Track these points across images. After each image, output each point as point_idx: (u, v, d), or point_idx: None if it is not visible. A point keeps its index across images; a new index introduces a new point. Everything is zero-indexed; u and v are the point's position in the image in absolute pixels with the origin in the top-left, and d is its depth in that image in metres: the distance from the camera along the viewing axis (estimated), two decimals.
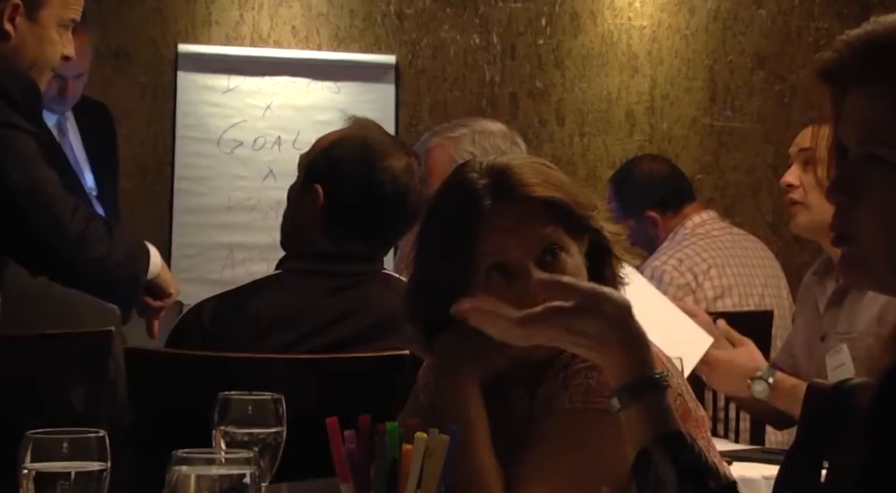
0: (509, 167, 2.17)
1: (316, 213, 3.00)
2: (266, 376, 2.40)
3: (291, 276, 3.00)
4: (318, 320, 2.92)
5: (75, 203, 3.08)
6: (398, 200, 3.01)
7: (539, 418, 2.13)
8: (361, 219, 3.00)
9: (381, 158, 3.01)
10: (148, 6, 6.23)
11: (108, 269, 3.05)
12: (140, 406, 2.92)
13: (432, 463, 1.62)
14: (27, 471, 1.82)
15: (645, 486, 1.56)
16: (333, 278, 2.97)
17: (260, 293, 2.98)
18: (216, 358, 2.82)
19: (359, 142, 3.04)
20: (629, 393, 1.67)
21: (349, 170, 3.00)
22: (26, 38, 3.04)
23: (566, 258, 2.14)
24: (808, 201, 3.57)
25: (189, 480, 1.67)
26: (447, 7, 6.37)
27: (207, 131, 6.01)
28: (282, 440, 2.08)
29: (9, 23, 3.01)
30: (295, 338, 2.89)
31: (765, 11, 6.42)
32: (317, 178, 3.02)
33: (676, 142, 6.37)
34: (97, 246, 3.03)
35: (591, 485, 1.68)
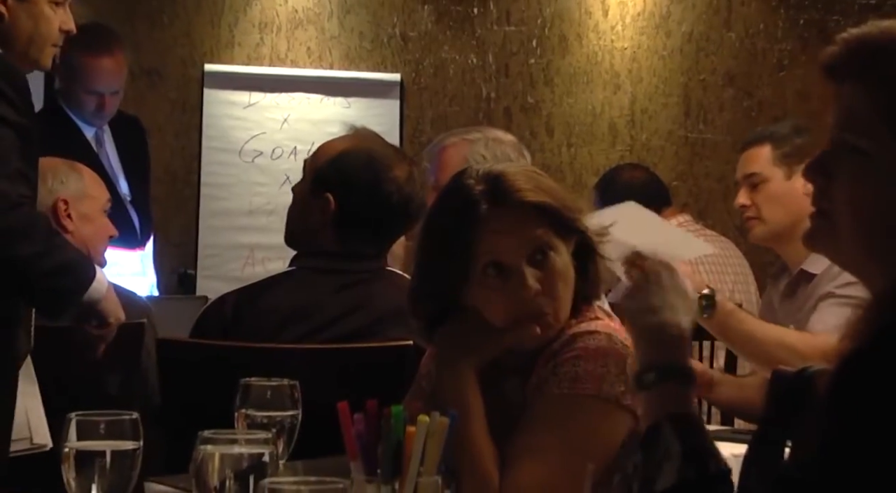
0: (503, 174, 2.17)
1: (326, 218, 2.99)
2: (283, 365, 2.39)
3: (303, 273, 3.00)
4: (328, 314, 2.91)
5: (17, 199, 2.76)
6: (403, 208, 3.00)
7: (530, 402, 2.12)
8: (368, 224, 2.99)
9: (387, 170, 2.99)
10: (177, 30, 6.23)
11: (28, 271, 2.76)
12: (169, 391, 2.93)
13: (433, 444, 1.62)
14: (68, 449, 1.82)
15: (652, 456, 1.54)
16: (341, 275, 2.96)
17: (274, 289, 2.97)
18: (238, 348, 2.82)
19: (365, 154, 3.02)
20: (657, 374, 1.65)
21: (358, 181, 2.98)
22: (19, 16, 2.90)
23: (555, 257, 2.14)
24: (762, 216, 3.61)
25: (213, 458, 1.67)
26: (447, 30, 6.37)
27: (230, 143, 6.00)
28: (297, 422, 2.07)
29: (0, 4, 2.90)
30: (307, 330, 2.89)
31: (734, 34, 6.41)
32: (327, 187, 3.01)
33: (654, 152, 6.37)
34: (21, 245, 2.74)
35: (577, 463, 1.67)
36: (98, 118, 4.84)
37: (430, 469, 1.61)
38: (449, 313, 2.18)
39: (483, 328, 2.14)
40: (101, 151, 4.90)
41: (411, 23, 6.36)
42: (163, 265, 5.49)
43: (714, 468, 1.53)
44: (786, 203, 3.57)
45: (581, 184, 6.09)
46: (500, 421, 2.10)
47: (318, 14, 6.33)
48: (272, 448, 1.70)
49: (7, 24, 2.89)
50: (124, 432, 1.83)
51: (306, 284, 2.96)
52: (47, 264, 2.77)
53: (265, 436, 1.78)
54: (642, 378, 1.66)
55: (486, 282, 2.13)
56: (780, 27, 6.40)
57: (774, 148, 3.64)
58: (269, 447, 1.70)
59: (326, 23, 6.33)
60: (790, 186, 3.56)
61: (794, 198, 3.54)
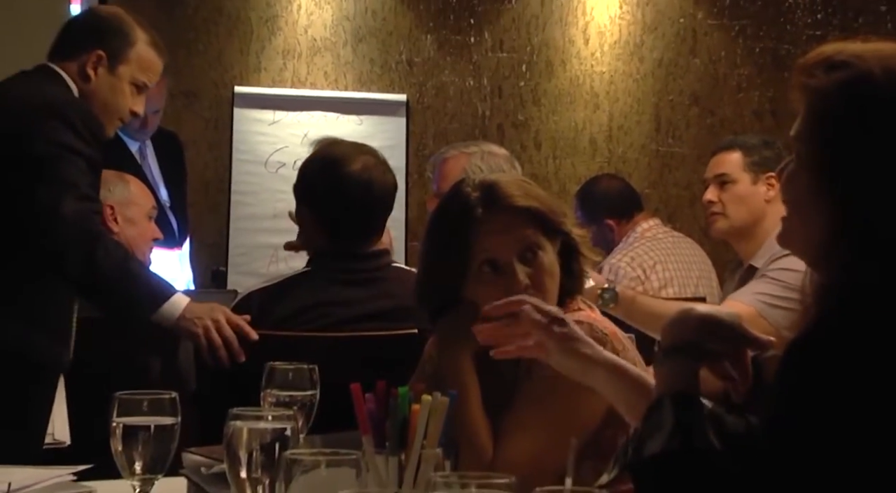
0: (497, 183, 2.17)
1: (314, 226, 2.97)
2: (303, 351, 2.39)
3: (314, 274, 2.97)
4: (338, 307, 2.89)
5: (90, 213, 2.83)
6: (364, 193, 2.92)
7: (521, 383, 2.12)
8: (346, 220, 2.93)
9: (342, 166, 2.92)
10: (211, 56, 6.22)
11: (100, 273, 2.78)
12: (203, 373, 2.92)
13: (435, 420, 1.62)
14: (116, 424, 1.82)
15: (647, 424, 1.53)
16: (348, 273, 2.93)
17: (293, 289, 2.94)
18: (264, 336, 2.81)
19: (319, 160, 2.97)
20: (670, 354, 1.62)
21: (318, 187, 2.93)
22: (103, 85, 2.96)
23: (542, 255, 2.14)
24: (726, 212, 3.64)
25: (242, 432, 1.67)
26: (447, 56, 6.36)
27: (257, 155, 6.00)
28: (316, 401, 2.07)
29: (92, 69, 2.95)
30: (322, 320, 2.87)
31: (698, 61, 6.40)
32: (301, 201, 2.99)
33: (629, 163, 6.36)
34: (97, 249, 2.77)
35: (562, 437, 1.67)
36: (141, 134, 4.84)
37: (433, 443, 1.61)
38: (450, 303, 2.18)
39: (479, 319, 2.13)
40: (144, 163, 4.90)
41: (416, 50, 6.36)
42: (198, 263, 5.49)
43: (699, 443, 1.50)
44: (749, 204, 3.60)
45: (565, 191, 6.08)
46: (493, 400, 2.10)
47: (334, 42, 6.32)
48: (294, 424, 1.70)
49: (91, 87, 2.95)
50: (164, 409, 1.83)
51: (316, 284, 2.93)
52: (117, 273, 2.78)
53: (288, 413, 1.78)
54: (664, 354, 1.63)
55: (483, 277, 2.12)
56: (739, 54, 6.39)
57: (745, 155, 3.67)
58: (291, 422, 1.70)
59: (341, 50, 6.33)
60: (754, 190, 3.61)
61: (756, 201, 3.58)
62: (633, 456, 1.52)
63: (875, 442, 1.37)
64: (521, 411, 2.08)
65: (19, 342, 2.85)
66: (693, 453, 1.50)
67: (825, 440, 1.39)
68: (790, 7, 6.34)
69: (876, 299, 1.43)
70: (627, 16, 6.38)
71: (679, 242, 4.66)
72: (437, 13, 6.35)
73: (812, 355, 1.42)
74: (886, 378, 1.38)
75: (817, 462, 1.39)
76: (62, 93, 2.92)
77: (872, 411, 1.38)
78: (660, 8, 6.38)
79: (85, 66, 2.96)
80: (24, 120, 2.84)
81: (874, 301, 1.43)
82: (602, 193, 4.89)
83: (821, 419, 1.39)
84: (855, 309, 1.43)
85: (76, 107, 2.90)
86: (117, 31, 2.99)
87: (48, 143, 2.80)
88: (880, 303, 1.42)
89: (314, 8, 6.31)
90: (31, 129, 2.82)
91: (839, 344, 1.41)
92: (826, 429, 1.39)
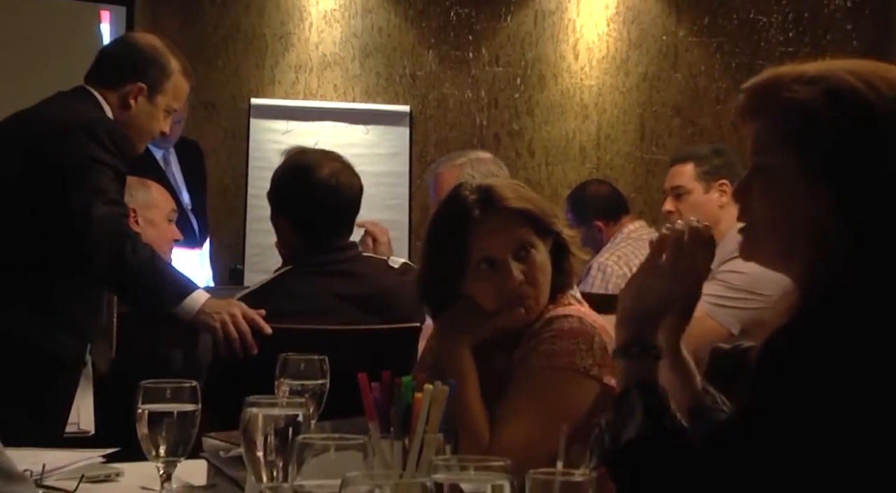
0: (492, 187, 2.17)
1: (290, 229, 2.94)
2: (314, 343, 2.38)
3: (294, 271, 2.94)
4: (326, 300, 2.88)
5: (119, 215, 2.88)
6: (333, 197, 2.91)
7: (515, 373, 2.11)
8: (319, 221, 2.92)
9: (311, 174, 2.91)
10: (229, 71, 6.23)
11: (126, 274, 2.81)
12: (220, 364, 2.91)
13: (436, 407, 1.61)
14: (141, 410, 1.82)
15: (620, 415, 1.54)
16: (324, 265, 2.91)
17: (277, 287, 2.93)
18: (277, 329, 2.80)
19: (290, 169, 2.96)
20: (626, 352, 1.62)
21: (292, 194, 2.93)
22: (141, 113, 3.04)
23: (535, 253, 2.13)
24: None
25: (258, 418, 1.67)
26: (448, 70, 6.36)
27: (271, 162, 5.91)
28: (325, 389, 2.07)
29: (133, 99, 3.02)
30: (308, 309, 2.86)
31: (680, 75, 6.41)
32: (276, 210, 2.98)
33: (616, 170, 6.36)
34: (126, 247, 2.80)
35: (553, 424, 1.67)
36: (165, 142, 4.83)
37: (434, 428, 1.60)
38: (449, 300, 2.18)
39: (476, 313, 2.13)
40: (168, 169, 4.90)
41: (419, 64, 6.36)
42: (217, 261, 5.49)
43: (669, 424, 1.52)
44: (704, 211, 3.62)
45: (557, 195, 6.08)
46: (490, 389, 2.10)
47: (343, 58, 6.32)
48: (305, 410, 1.69)
49: (131, 114, 3.02)
50: (185, 396, 1.83)
51: (297, 279, 2.91)
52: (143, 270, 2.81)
53: (300, 401, 1.77)
54: (625, 351, 1.63)
55: (480, 274, 2.12)
56: (717, 69, 6.39)
57: (696, 166, 3.69)
58: (303, 409, 1.69)
59: (350, 65, 6.33)
60: (708, 198, 3.65)
61: (711, 208, 3.63)
62: (610, 446, 1.52)
63: (850, 431, 1.37)
64: (515, 399, 2.08)
65: (46, 340, 2.90)
66: (665, 434, 1.50)
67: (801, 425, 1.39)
68: (764, 26, 6.34)
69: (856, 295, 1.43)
70: (614, 33, 6.38)
71: None
72: (439, 30, 6.35)
73: (792, 346, 1.42)
74: (863, 370, 1.38)
75: (792, 447, 1.39)
76: (93, 112, 2.99)
77: (848, 400, 1.38)
78: (644, 26, 6.38)
79: (127, 97, 3.03)
80: (59, 136, 2.92)
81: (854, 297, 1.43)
82: (591, 197, 4.89)
83: (798, 407, 1.39)
84: (835, 303, 1.43)
85: (104, 124, 2.97)
86: (157, 64, 3.05)
87: (79, 155, 2.87)
88: (860, 298, 1.42)
89: (324, 26, 6.30)
90: (64, 144, 2.90)
91: (819, 336, 1.41)
92: (802, 416, 1.39)
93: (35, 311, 2.90)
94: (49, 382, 2.90)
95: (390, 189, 5.94)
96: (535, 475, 1.29)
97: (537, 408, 2.04)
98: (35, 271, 2.92)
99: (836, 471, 1.39)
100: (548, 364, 2.08)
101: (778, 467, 1.39)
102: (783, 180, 1.51)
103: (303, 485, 1.39)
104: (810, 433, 1.38)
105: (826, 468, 1.39)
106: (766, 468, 1.39)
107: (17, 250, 2.92)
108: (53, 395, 2.92)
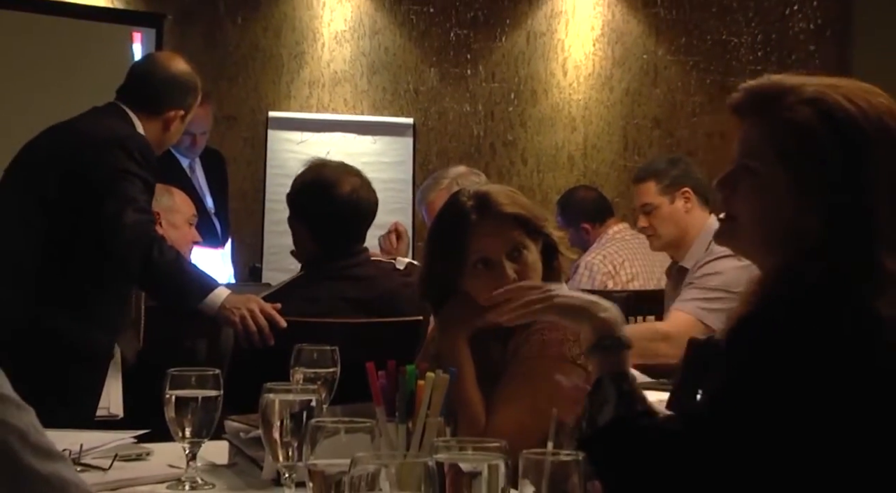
0: (488, 193, 2.17)
1: (308, 237, 2.94)
2: (326, 334, 2.39)
3: (309, 275, 2.96)
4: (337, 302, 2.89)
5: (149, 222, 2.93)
6: (353, 212, 2.92)
7: (509, 362, 2.11)
8: (337, 234, 2.93)
9: (332, 188, 2.91)
10: (248, 86, 6.22)
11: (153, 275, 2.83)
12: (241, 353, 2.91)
13: (437, 394, 1.62)
14: (169, 395, 1.83)
15: (596, 402, 1.54)
16: (336, 270, 2.92)
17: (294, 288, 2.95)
18: (291, 322, 2.80)
19: (312, 182, 2.95)
20: (600, 345, 1.62)
21: (313, 207, 2.92)
22: (175, 133, 3.11)
23: (527, 254, 2.13)
24: (658, 233, 3.63)
25: (274, 403, 1.68)
26: (448, 86, 6.36)
27: (287, 170, 5.97)
28: (336, 377, 2.07)
29: (172, 123, 3.09)
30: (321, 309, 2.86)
31: (659, 90, 6.40)
32: (297, 215, 2.97)
33: (601, 177, 6.36)
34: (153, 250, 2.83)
35: (543, 408, 1.67)
36: (191, 152, 4.84)
37: (435, 412, 1.61)
38: (448, 297, 2.18)
39: (472, 307, 2.13)
40: (194, 176, 4.90)
41: (421, 81, 6.36)
42: (238, 260, 5.48)
43: (640, 407, 1.52)
44: (673, 221, 3.60)
45: (547, 200, 6.08)
46: (486, 377, 2.10)
47: (352, 74, 6.32)
48: (318, 396, 1.70)
49: (170, 135, 3.10)
50: (209, 383, 1.85)
51: (312, 282, 2.92)
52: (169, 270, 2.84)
53: (313, 387, 1.78)
54: (598, 345, 1.63)
55: (476, 273, 2.12)
56: (693, 85, 6.39)
57: (657, 183, 3.64)
58: (316, 395, 1.70)
59: (359, 81, 6.33)
60: (674, 208, 3.61)
61: (679, 217, 3.60)
62: (587, 430, 1.52)
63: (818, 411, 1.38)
64: (509, 386, 2.08)
65: (81, 334, 2.93)
66: (638, 415, 1.50)
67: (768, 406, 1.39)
68: (735, 46, 6.34)
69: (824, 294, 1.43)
70: (599, 52, 6.38)
71: (644, 243, 4.62)
72: (439, 50, 6.35)
73: (760, 333, 1.42)
74: (829, 354, 1.38)
75: (761, 427, 1.39)
76: (125, 128, 3.02)
77: (815, 382, 1.38)
78: (626, 46, 6.38)
79: (169, 123, 3.09)
80: (95, 150, 2.94)
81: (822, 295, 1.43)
82: (579, 202, 4.89)
83: (767, 388, 1.39)
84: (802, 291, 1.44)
85: (135, 140, 2.99)
86: (195, 92, 3.12)
87: (113, 168, 2.91)
88: (827, 298, 1.42)
89: (335, 45, 6.31)
90: (100, 157, 2.92)
91: (788, 321, 1.41)
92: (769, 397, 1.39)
93: (70, 308, 2.92)
94: (81, 371, 2.93)
95: (395, 194, 5.94)
96: (527, 455, 1.29)
97: (528, 394, 2.03)
98: (71, 272, 2.95)
99: (801, 450, 1.39)
100: (539, 354, 2.08)
101: (745, 446, 1.39)
102: (772, 188, 1.52)
103: (315, 464, 1.40)
104: (777, 411, 1.38)
105: (790, 447, 1.39)
106: (735, 446, 1.40)
107: (56, 253, 2.94)
108: (85, 383, 2.95)
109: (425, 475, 1.19)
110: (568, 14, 6.36)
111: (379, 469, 1.18)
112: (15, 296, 2.93)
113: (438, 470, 1.25)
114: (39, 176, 2.97)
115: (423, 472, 1.19)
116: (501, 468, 1.28)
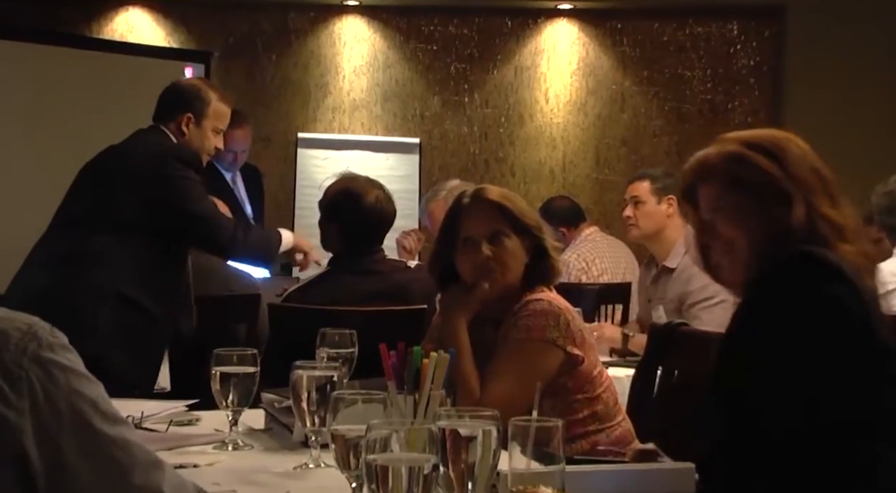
0: (482, 188, 2.19)
1: (337, 237, 2.95)
2: (346, 320, 2.39)
3: (334, 271, 2.96)
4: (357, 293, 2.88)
5: (225, 219, 2.99)
6: (377, 219, 2.94)
7: (500, 343, 2.12)
8: (362, 236, 2.93)
9: (360, 199, 2.93)
10: (281, 112, 6.23)
11: (244, 248, 2.97)
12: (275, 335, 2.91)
13: (440, 370, 1.61)
14: (214, 371, 1.83)
15: None
16: (358, 266, 2.92)
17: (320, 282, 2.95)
18: (317, 310, 2.80)
19: (343, 192, 2.97)
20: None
21: (344, 213, 2.92)
22: (194, 136, 2.98)
23: (507, 241, 2.12)
24: (638, 224, 3.63)
25: (303, 378, 1.69)
26: (449, 111, 6.36)
27: (313, 181, 5.90)
28: (355, 356, 2.07)
29: (185, 127, 2.98)
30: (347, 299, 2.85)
31: (626, 115, 6.40)
32: (330, 217, 2.97)
33: (577, 188, 6.35)
34: (237, 237, 2.93)
35: (529, 383, 1.67)
36: (233, 167, 4.83)
37: (438, 386, 1.61)
38: (451, 278, 2.17)
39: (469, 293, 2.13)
40: (235, 188, 4.89)
41: (426, 107, 6.36)
42: None
43: None
44: (654, 218, 3.61)
45: (532, 208, 5.99)
46: (481, 356, 2.10)
47: (368, 102, 6.33)
48: (339, 372, 1.71)
49: (186, 139, 2.99)
50: (247, 361, 1.85)
51: (337, 277, 2.93)
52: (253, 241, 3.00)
53: (335, 365, 1.78)
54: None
55: (463, 250, 2.13)
56: (654, 111, 6.39)
57: (652, 183, 3.66)
58: (338, 371, 1.71)
59: (373, 107, 6.33)
60: (658, 208, 3.62)
61: (660, 216, 3.60)
62: None
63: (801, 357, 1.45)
64: (499, 363, 2.08)
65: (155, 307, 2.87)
66: None
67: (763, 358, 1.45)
68: (688, 78, 6.34)
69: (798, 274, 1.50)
70: (576, 83, 6.39)
71: (612, 244, 4.66)
72: (442, 81, 6.36)
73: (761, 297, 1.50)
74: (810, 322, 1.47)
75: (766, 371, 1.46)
76: (168, 142, 2.97)
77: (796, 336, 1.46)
78: (598, 78, 6.38)
79: (180, 125, 2.99)
80: (153, 162, 2.88)
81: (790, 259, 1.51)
82: (556, 209, 4.88)
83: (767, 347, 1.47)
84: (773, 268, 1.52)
85: (180, 149, 2.95)
86: (198, 96, 3.01)
87: (174, 175, 2.88)
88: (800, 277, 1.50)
89: (354, 77, 6.32)
90: (163, 168, 2.87)
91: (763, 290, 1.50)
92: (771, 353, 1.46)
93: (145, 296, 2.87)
94: (152, 336, 2.89)
95: (404, 203, 5.87)
96: (515, 422, 1.29)
97: (517, 370, 2.04)
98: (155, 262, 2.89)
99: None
100: (525, 336, 2.08)
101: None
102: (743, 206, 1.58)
103: (337, 429, 1.40)
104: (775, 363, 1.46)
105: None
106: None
107: (146, 248, 2.86)
108: (155, 346, 2.91)
109: (429, 438, 1.19)
110: (549, 51, 6.37)
111: (390, 434, 1.18)
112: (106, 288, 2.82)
113: (440, 435, 1.25)
114: (109, 196, 2.87)
115: (428, 436, 1.19)
116: (494, 433, 1.28)
